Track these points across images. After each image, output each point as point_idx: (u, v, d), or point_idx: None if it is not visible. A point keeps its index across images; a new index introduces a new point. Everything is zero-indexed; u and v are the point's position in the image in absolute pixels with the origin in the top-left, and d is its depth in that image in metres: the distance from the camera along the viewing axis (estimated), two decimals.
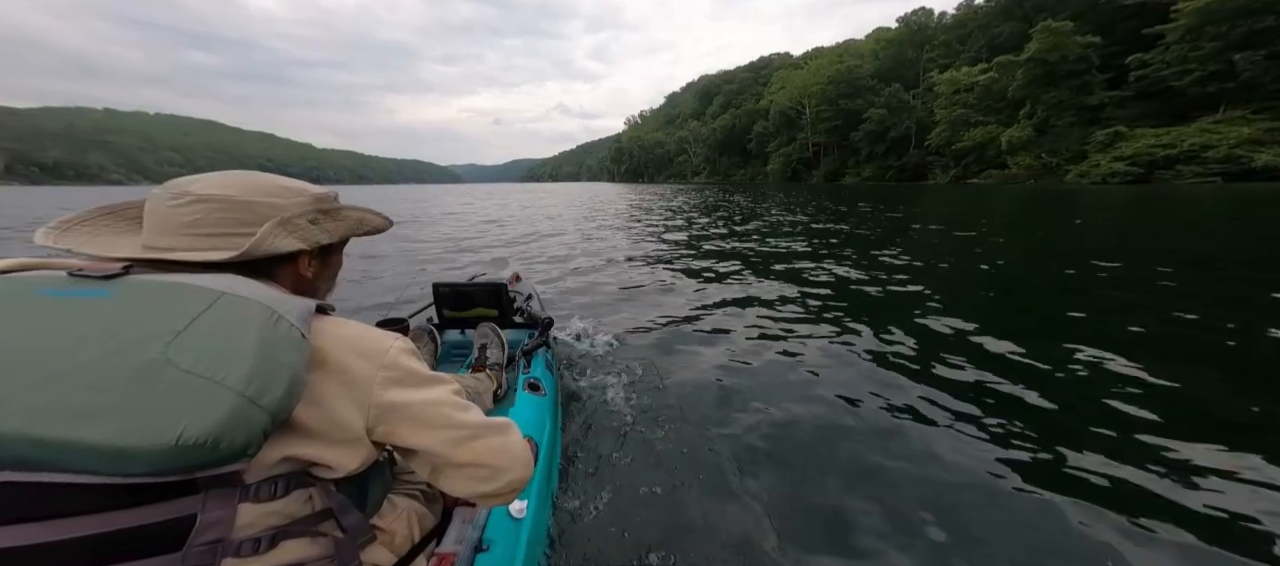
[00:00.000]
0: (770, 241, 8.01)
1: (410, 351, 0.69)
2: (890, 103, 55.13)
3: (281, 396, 0.52)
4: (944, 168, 46.94)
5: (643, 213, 15.24)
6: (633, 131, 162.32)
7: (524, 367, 1.80)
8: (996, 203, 17.27)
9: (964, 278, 5.09)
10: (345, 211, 0.79)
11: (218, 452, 0.48)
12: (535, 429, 1.40)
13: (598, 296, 4.40)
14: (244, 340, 0.52)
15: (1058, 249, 6.76)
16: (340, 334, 0.64)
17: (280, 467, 0.57)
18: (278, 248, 0.65)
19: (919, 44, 61.70)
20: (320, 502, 0.61)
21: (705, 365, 2.70)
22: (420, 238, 9.38)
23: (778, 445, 1.90)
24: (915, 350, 2.89)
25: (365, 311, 3.84)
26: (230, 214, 0.64)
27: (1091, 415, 2.11)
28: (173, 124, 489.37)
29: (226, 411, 0.48)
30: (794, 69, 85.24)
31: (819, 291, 4.42)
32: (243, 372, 0.50)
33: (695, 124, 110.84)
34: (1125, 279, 4.73)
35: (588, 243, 8.26)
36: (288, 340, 0.55)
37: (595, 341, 2.96)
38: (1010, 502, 1.58)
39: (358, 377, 0.62)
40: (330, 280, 0.82)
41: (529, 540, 1.06)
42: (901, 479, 1.68)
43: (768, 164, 76.03)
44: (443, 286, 2.14)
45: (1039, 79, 36.20)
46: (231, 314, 0.55)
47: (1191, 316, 3.48)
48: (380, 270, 5.95)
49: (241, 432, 0.49)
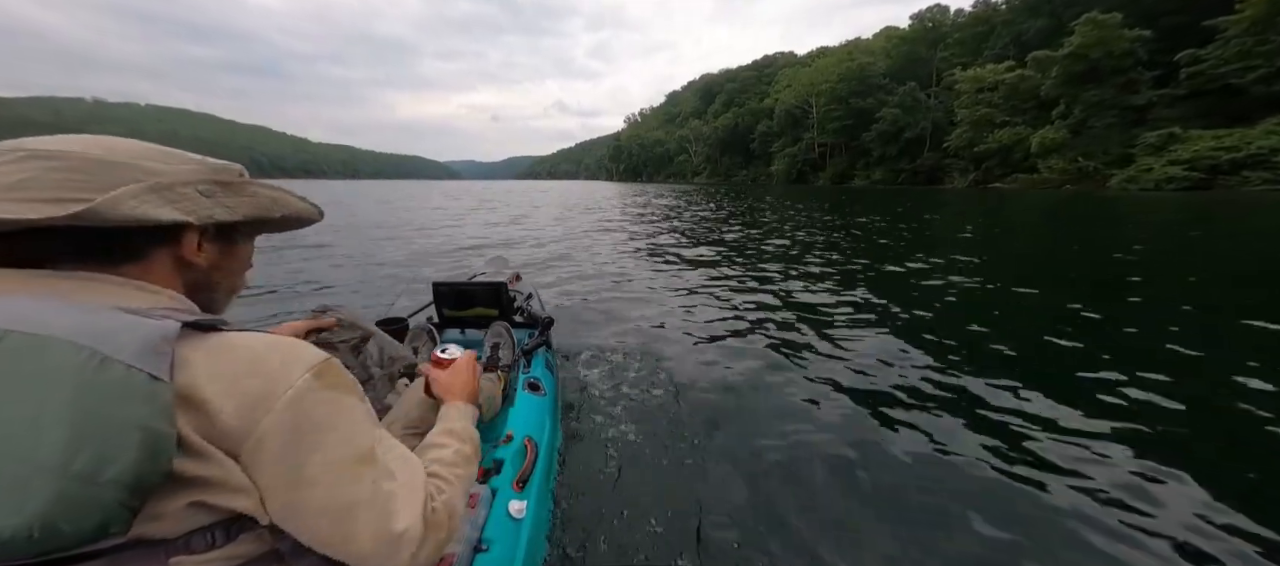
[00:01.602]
0: (776, 242, 7.85)
1: (326, 379, 0.52)
2: (905, 102, 52.41)
3: (133, 465, 0.39)
4: (963, 171, 44.17)
5: (643, 212, 14.92)
6: (632, 130, 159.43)
7: (524, 367, 1.76)
8: (1033, 209, 15.83)
9: (1001, 292, 4.56)
10: (253, 187, 0.61)
11: (61, 541, 0.38)
12: (535, 428, 1.38)
13: (598, 296, 4.27)
14: (48, 401, 0.39)
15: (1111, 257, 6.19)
16: (208, 359, 0.47)
17: (203, 517, 0.46)
18: (144, 215, 0.48)
19: (933, 42, 59.10)
20: (275, 541, 0.50)
21: (707, 366, 2.67)
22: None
23: (778, 446, 1.87)
24: (931, 359, 2.75)
25: (365, 311, 3.16)
26: (76, 175, 0.47)
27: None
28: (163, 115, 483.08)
29: (47, 499, 0.37)
30: (801, 66, 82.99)
31: (829, 297, 4.23)
32: (55, 446, 0.38)
33: (696, 123, 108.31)
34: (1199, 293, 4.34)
35: (588, 244, 7.95)
36: (125, 388, 0.41)
37: (596, 341, 2.91)
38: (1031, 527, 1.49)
39: (233, 426, 0.46)
40: (233, 277, 0.64)
41: (528, 540, 1.04)
42: (903, 483, 1.66)
43: (771, 164, 73.97)
44: (443, 285, 2.10)
45: (1078, 76, 33.27)
46: (21, 363, 0.39)
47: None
48: (381, 269, 5.78)
49: (89, 517, 0.39)
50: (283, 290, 4.62)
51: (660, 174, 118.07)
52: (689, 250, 7.04)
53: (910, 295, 4.29)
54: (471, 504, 0.98)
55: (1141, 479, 1.67)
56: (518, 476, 1.15)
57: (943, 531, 1.45)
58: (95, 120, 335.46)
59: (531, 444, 1.27)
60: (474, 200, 20.35)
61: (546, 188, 44.31)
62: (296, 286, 4.77)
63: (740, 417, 2.10)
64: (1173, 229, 9.52)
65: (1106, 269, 5.47)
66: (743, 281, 4.84)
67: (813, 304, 3.98)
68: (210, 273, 0.58)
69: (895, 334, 3.16)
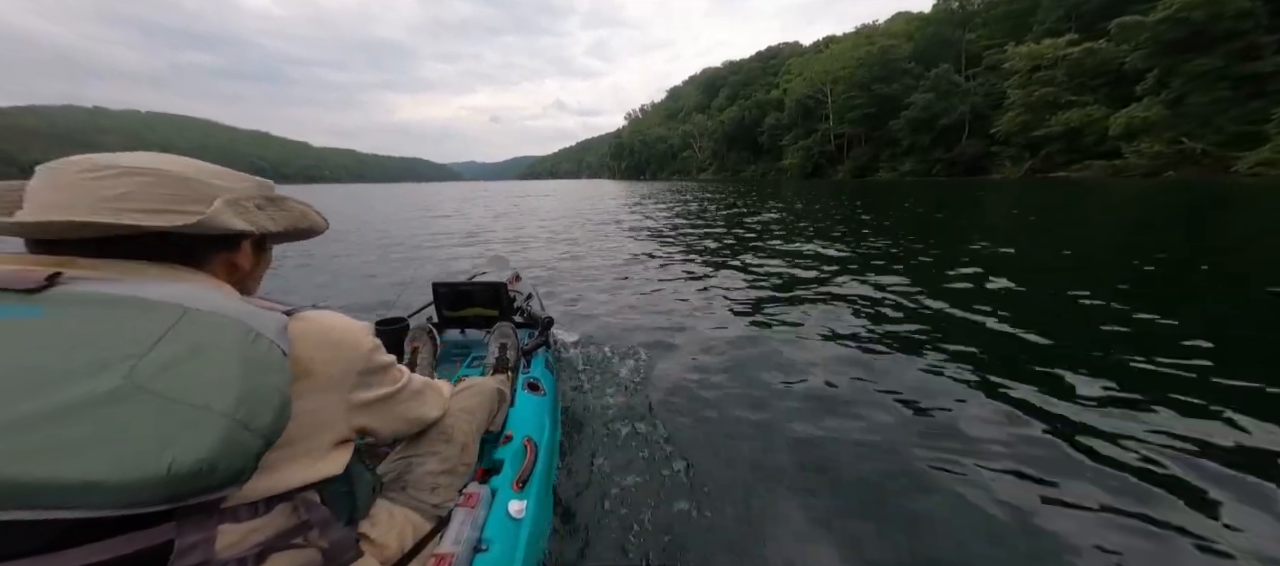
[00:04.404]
0: (785, 241, 7.24)
1: (377, 345, 0.72)
2: (939, 85, 46.49)
3: (272, 420, 0.51)
4: (1015, 159, 38.19)
5: (645, 210, 14.31)
6: (634, 126, 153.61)
7: (524, 367, 1.76)
8: (1153, 203, 12.12)
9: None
10: (289, 202, 0.74)
11: (215, 479, 0.47)
12: (535, 428, 1.38)
13: (599, 297, 4.18)
14: (226, 363, 0.49)
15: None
16: (310, 335, 0.61)
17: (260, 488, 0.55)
18: (228, 225, 0.60)
19: (959, 22, 53.21)
20: (305, 514, 0.59)
21: (709, 367, 2.58)
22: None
23: (779, 446, 1.85)
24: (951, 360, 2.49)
25: (365, 311, 3.61)
26: (168, 189, 0.57)
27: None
28: (164, 122, 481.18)
29: (218, 438, 0.46)
30: (815, 53, 77.48)
31: (848, 303, 3.71)
32: (231, 397, 0.48)
33: (700, 117, 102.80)
34: None
35: (588, 243, 7.69)
36: (269, 359, 0.52)
37: (596, 341, 2.84)
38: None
39: (335, 380, 0.62)
40: (259, 280, 0.76)
41: (528, 540, 1.05)
42: (906, 488, 1.60)
43: (782, 159, 68.84)
44: (442, 285, 2.09)
45: (1177, 44, 27.22)
46: (204, 334, 0.50)
47: None
48: (381, 270, 5.68)
49: (237, 459, 0.48)
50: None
51: (664, 171, 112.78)
52: (694, 247, 6.75)
53: (953, 291, 3.89)
54: (471, 503, 0.99)
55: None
56: (517, 476, 1.15)
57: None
58: (95, 127, 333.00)
59: (531, 444, 1.27)
60: (487, 209, 16.86)
61: (550, 190, 41.11)
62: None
63: (743, 418, 2.03)
64: None
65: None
66: (752, 280, 4.61)
67: (846, 314, 3.42)
68: (248, 275, 0.69)
69: (936, 340, 2.79)
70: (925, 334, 2.89)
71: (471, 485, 1.02)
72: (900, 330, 3.00)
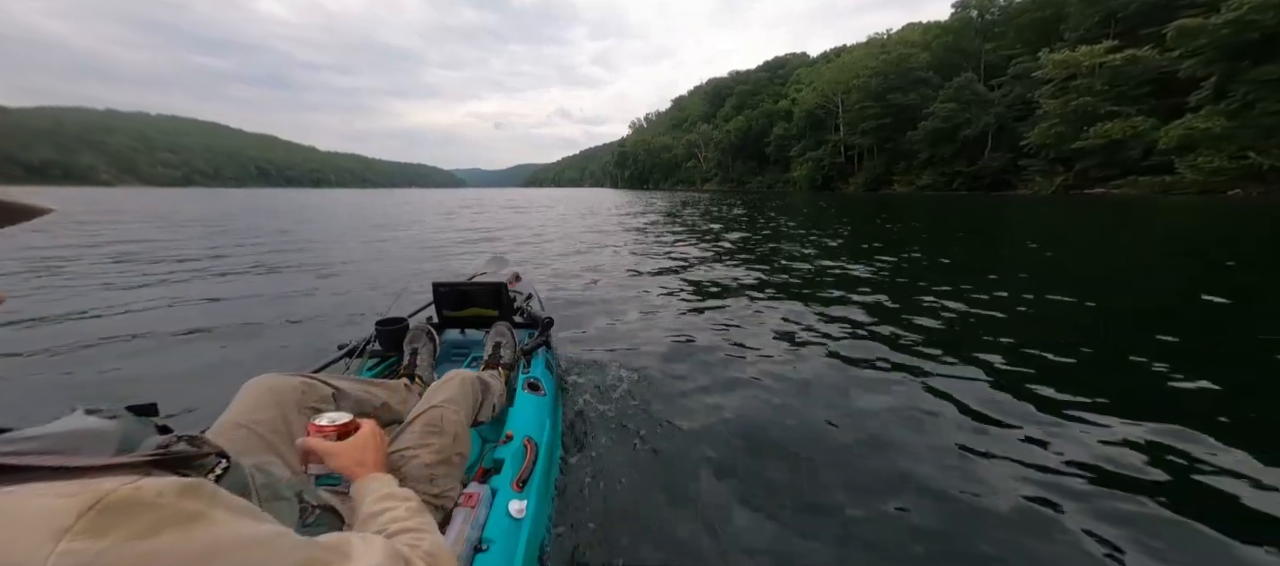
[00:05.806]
0: (781, 250, 7.66)
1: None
2: (962, 95, 43.85)
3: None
4: (1046, 173, 35.41)
5: (646, 217, 14.60)
6: (638, 135, 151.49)
7: (524, 367, 1.77)
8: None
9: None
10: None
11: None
12: (535, 428, 1.38)
13: (600, 297, 4.26)
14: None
15: None
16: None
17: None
18: None
19: (981, 31, 50.78)
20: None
21: (709, 368, 2.62)
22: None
23: (780, 447, 1.85)
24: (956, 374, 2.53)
25: (365, 310, 3.70)
26: None
27: None
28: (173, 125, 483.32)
29: None
30: (826, 63, 75.30)
31: (850, 314, 3.78)
32: None
33: (705, 127, 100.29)
34: None
35: (588, 246, 8.00)
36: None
37: (596, 342, 2.88)
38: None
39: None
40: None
41: (528, 540, 1.05)
42: (908, 493, 1.60)
43: (790, 170, 66.65)
44: (442, 286, 2.10)
45: (1241, 49, 24.46)
46: None
47: None
48: (380, 270, 5.82)
49: None
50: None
51: (667, 181, 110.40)
52: (694, 254, 6.94)
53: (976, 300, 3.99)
54: (472, 503, 1.00)
55: None
56: (518, 476, 1.15)
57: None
58: (103, 128, 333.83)
59: (531, 443, 1.28)
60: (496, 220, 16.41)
61: (554, 199, 39.73)
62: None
63: (743, 418, 2.04)
64: None
65: None
66: (755, 287, 4.67)
67: (842, 322, 3.53)
68: None
69: (931, 363, 2.73)
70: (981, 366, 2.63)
71: (472, 485, 1.02)
72: (937, 360, 2.74)
